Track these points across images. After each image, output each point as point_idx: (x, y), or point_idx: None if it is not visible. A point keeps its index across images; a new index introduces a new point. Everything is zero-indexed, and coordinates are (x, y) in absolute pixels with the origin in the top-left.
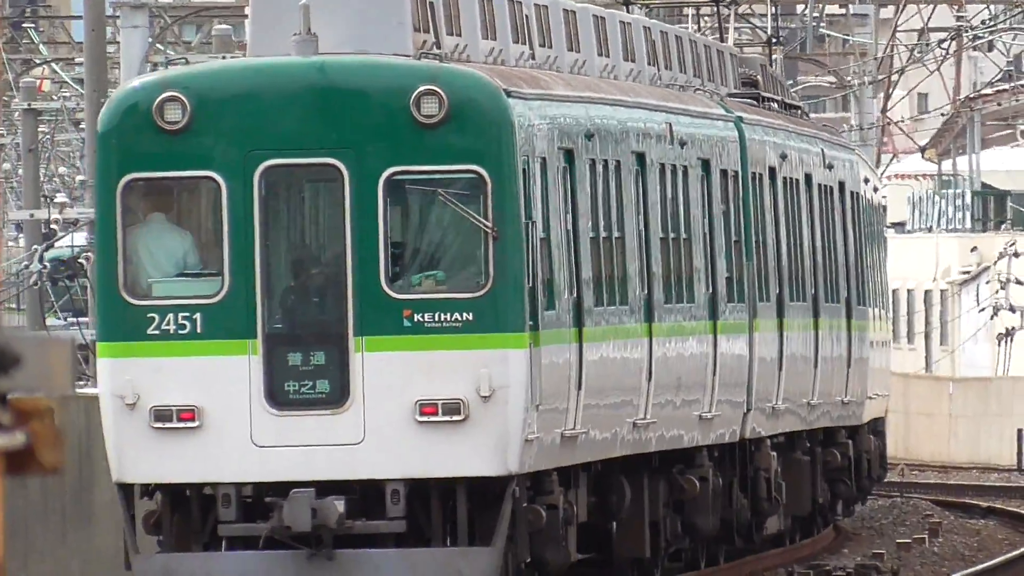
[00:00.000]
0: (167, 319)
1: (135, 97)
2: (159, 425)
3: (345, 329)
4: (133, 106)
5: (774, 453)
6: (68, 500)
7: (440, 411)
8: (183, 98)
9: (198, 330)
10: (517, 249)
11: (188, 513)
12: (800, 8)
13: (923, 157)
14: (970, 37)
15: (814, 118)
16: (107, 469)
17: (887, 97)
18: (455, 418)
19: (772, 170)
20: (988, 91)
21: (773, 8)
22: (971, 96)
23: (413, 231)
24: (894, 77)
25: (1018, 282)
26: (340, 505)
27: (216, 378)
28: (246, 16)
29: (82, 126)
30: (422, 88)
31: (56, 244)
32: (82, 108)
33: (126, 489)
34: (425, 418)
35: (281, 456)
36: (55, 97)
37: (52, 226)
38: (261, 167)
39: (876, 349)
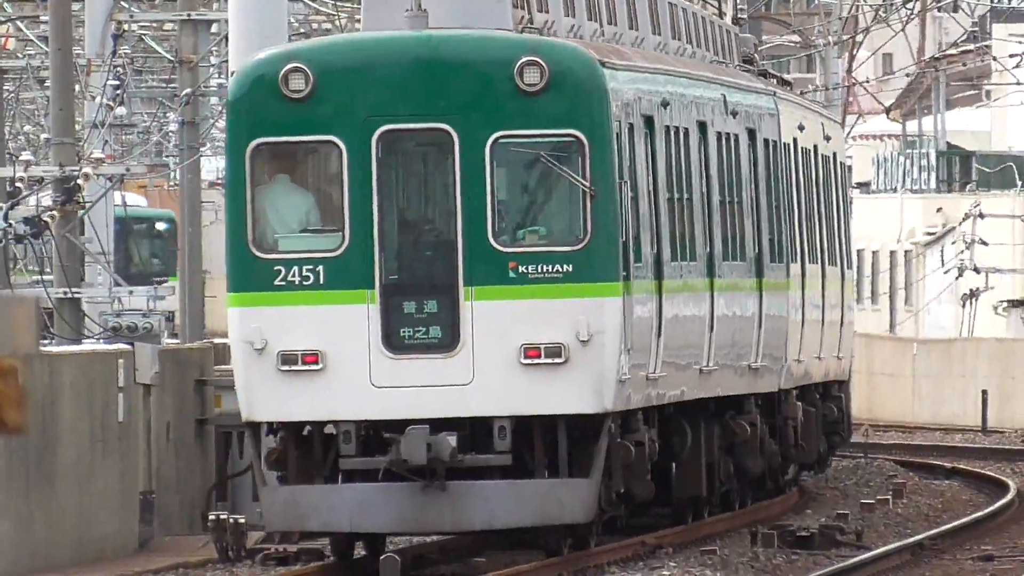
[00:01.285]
0: (292, 271)
1: (262, 69)
2: (285, 368)
3: (455, 280)
4: (260, 77)
5: (799, 403)
6: (31, 459)
7: (543, 354)
8: (306, 69)
9: (320, 281)
10: (612, 206)
11: (309, 449)
12: None
13: (888, 118)
14: None
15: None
16: (72, 428)
17: (852, 58)
18: (556, 361)
19: (795, 140)
20: (953, 52)
21: None
22: (936, 57)
23: (517, 190)
24: (859, 37)
25: (983, 243)
26: (452, 440)
27: (337, 325)
28: None
29: (47, 84)
30: (525, 59)
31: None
32: (47, 66)
33: (254, 427)
34: (529, 361)
35: (397, 396)
36: (20, 55)
37: (17, 184)
38: (378, 131)
39: (816, 310)
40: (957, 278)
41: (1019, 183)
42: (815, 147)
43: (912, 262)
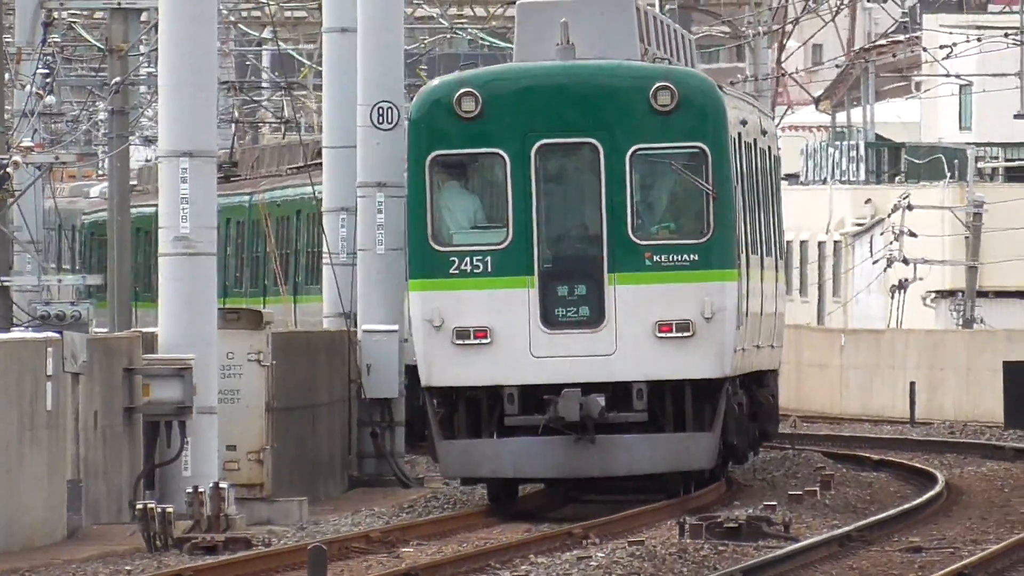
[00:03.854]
0: (464, 261)
1: (438, 93)
2: (459, 342)
3: (601, 267)
4: (437, 100)
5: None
6: None
7: (674, 329)
8: (476, 93)
9: (489, 269)
10: (729, 206)
11: (477, 410)
12: None
13: (817, 109)
14: None
15: (708, 69)
16: (0, 416)
17: (781, 48)
18: (685, 334)
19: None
20: (883, 42)
21: None
22: (866, 47)
23: (652, 192)
24: (788, 28)
25: (911, 234)
26: (601, 400)
27: (502, 305)
28: None
29: None
30: (658, 84)
31: None
32: None
33: (432, 392)
34: (662, 335)
35: (553, 364)
36: None
37: None
38: (536, 145)
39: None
40: (886, 269)
41: (948, 175)
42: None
43: (841, 253)
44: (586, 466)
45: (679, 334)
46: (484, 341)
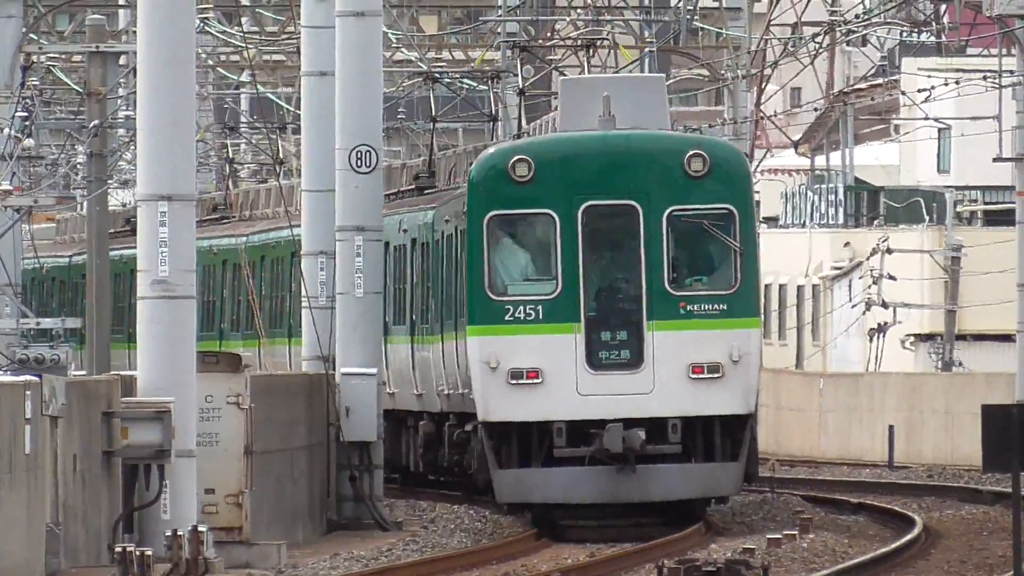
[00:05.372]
0: (518, 309)
1: (495, 160)
2: (513, 382)
3: (640, 315)
4: (494, 165)
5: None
6: None
7: (705, 371)
8: (529, 160)
9: (539, 316)
10: (754, 261)
11: (527, 442)
12: (673, 1)
13: (796, 152)
14: (844, 32)
15: (687, 112)
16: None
17: (760, 91)
18: (715, 375)
19: None
20: (862, 86)
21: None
22: (844, 91)
23: (685, 249)
24: (767, 71)
25: (890, 278)
26: (642, 434)
27: (552, 349)
28: (121, 6)
29: None
30: (692, 152)
31: None
32: None
33: (488, 426)
34: (695, 376)
35: (597, 401)
36: None
37: None
38: (582, 206)
39: None
40: (864, 312)
41: (927, 218)
42: None
43: (820, 296)
44: (627, 493)
45: (710, 375)
46: (535, 381)
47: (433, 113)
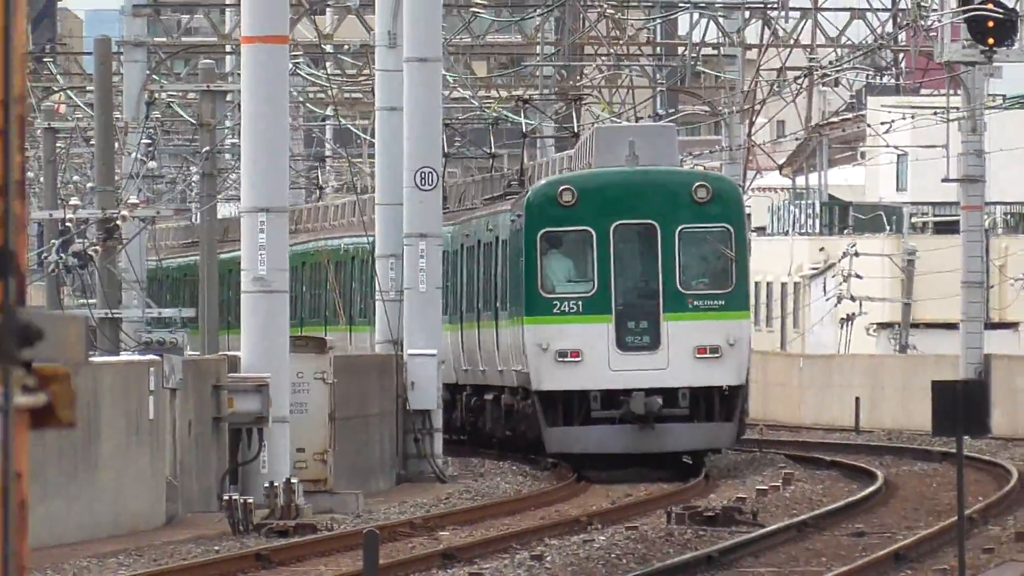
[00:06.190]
0: (563, 304)
1: (546, 188)
2: (560, 359)
3: (658, 309)
4: (546, 193)
5: None
6: (79, 450)
7: (708, 352)
8: (573, 188)
9: (580, 310)
10: (745, 267)
11: (570, 407)
12: (680, 50)
13: (780, 173)
14: (820, 75)
15: (691, 141)
16: (111, 424)
17: (751, 123)
18: (716, 356)
19: None
20: (834, 119)
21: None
22: (820, 123)
23: (695, 258)
24: (757, 107)
25: (858, 276)
26: (659, 400)
27: (589, 335)
28: (227, 52)
29: (92, 142)
30: (697, 183)
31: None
32: (92, 128)
33: (540, 394)
34: (700, 356)
35: (624, 375)
36: (70, 118)
37: (67, 224)
38: (614, 225)
39: None
40: (836, 305)
41: (887, 228)
42: None
43: (799, 292)
44: (647, 445)
45: (711, 355)
46: (577, 359)
47: (524, 131)
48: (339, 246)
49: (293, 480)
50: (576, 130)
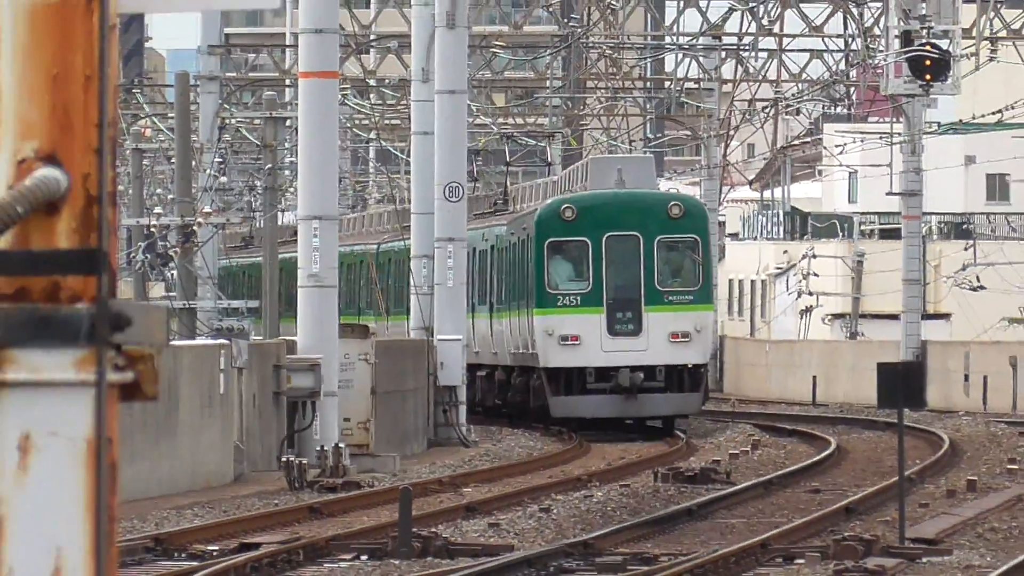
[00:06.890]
0: (566, 298)
1: (552, 206)
2: (563, 343)
3: (640, 303)
4: (552, 209)
5: None
6: (160, 419)
7: (680, 337)
8: (573, 206)
9: (578, 303)
10: (710, 268)
11: (570, 380)
12: (667, 84)
13: (751, 188)
14: (784, 105)
15: (676, 160)
16: (188, 397)
17: (726, 146)
18: (686, 340)
19: None
20: (796, 142)
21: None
22: (784, 146)
23: (669, 262)
24: (731, 132)
25: (815, 275)
26: (641, 375)
27: (586, 323)
28: (287, 85)
29: (172, 160)
30: (672, 203)
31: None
32: (172, 148)
33: (546, 370)
34: (673, 340)
35: (614, 355)
36: (154, 141)
37: (151, 229)
38: (605, 236)
39: None
40: (797, 299)
41: (840, 234)
42: None
43: (766, 288)
44: (632, 411)
45: (682, 340)
46: (576, 343)
47: (508, 159)
48: (378, 249)
49: (341, 444)
50: (549, 159)
